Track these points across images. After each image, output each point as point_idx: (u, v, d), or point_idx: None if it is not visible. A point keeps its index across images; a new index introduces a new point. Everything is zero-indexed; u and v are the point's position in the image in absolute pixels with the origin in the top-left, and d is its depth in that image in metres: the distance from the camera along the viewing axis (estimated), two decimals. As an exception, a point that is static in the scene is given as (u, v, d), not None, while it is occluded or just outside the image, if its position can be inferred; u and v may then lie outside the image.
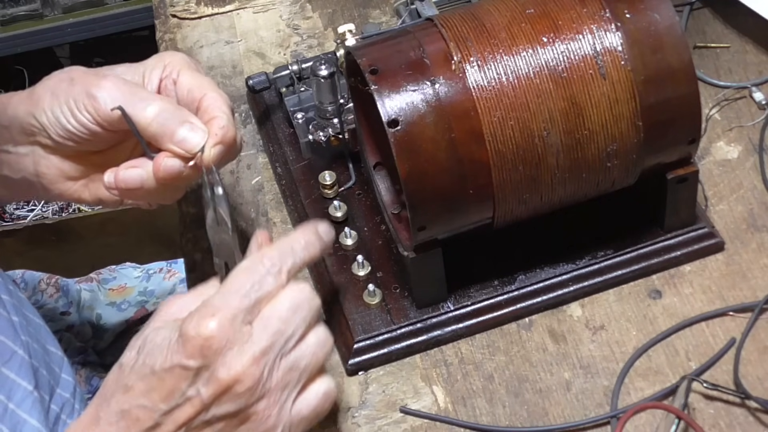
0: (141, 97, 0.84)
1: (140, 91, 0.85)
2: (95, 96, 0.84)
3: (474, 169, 0.83)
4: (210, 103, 0.86)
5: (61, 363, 1.02)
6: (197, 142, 0.83)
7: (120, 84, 0.85)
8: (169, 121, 0.84)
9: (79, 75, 0.86)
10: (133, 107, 0.84)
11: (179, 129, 0.83)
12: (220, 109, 0.85)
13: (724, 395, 0.85)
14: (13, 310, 0.95)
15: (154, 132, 0.84)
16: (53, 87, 0.86)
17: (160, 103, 0.84)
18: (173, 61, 0.88)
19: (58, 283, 1.24)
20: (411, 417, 0.88)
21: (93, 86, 0.84)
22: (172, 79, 0.87)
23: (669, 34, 0.84)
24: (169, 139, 0.84)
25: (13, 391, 0.91)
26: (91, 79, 0.85)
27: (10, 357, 0.92)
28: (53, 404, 0.96)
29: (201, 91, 0.86)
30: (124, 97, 0.84)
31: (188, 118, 0.84)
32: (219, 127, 0.84)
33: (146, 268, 1.32)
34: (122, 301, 1.26)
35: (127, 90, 0.84)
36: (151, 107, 0.84)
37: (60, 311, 1.22)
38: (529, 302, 0.92)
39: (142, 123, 0.83)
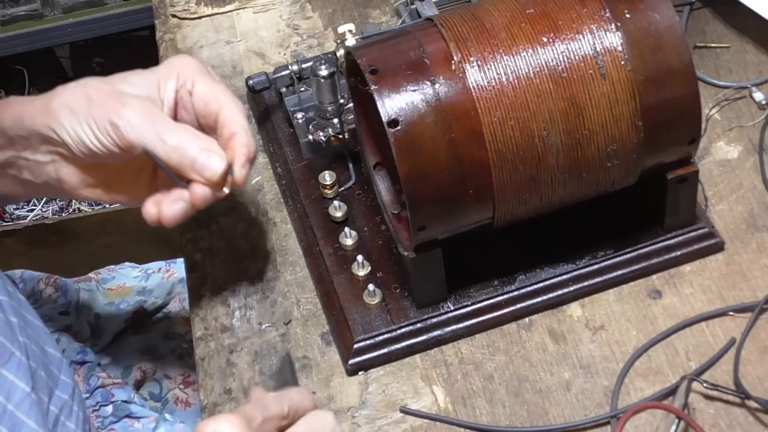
0: (161, 128, 0.86)
1: (160, 120, 0.87)
2: (116, 124, 0.86)
3: (474, 169, 0.83)
4: (227, 116, 0.88)
5: (59, 364, 1.01)
6: (215, 168, 0.86)
7: (140, 112, 0.86)
8: (187, 150, 0.86)
9: (97, 94, 0.87)
10: (154, 138, 0.86)
11: (197, 158, 0.86)
12: (239, 123, 0.87)
13: (724, 395, 0.85)
14: (11, 311, 0.95)
15: (175, 163, 0.86)
16: (71, 104, 0.87)
17: (178, 133, 0.86)
18: (186, 69, 0.90)
19: (57, 283, 1.24)
20: (411, 417, 0.88)
21: (114, 114, 0.86)
22: (187, 90, 0.89)
23: (669, 34, 0.84)
24: (190, 168, 0.86)
25: (11, 392, 0.91)
26: (111, 103, 0.87)
27: (8, 358, 0.92)
28: (52, 406, 0.96)
29: (217, 103, 0.88)
30: (144, 126, 0.86)
31: (206, 145, 0.86)
32: (242, 145, 0.87)
33: (145, 268, 1.32)
34: (121, 301, 1.26)
35: (147, 118, 0.86)
36: (171, 138, 0.86)
37: (59, 311, 1.22)
38: (529, 302, 0.92)
39: (162, 155, 0.86)
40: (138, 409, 1.14)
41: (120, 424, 1.12)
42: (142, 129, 0.86)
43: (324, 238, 0.97)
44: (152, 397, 1.19)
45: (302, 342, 0.93)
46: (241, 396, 0.91)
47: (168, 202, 0.88)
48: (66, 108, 0.87)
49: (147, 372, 1.20)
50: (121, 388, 1.15)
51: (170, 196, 0.88)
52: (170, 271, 1.30)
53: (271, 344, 0.93)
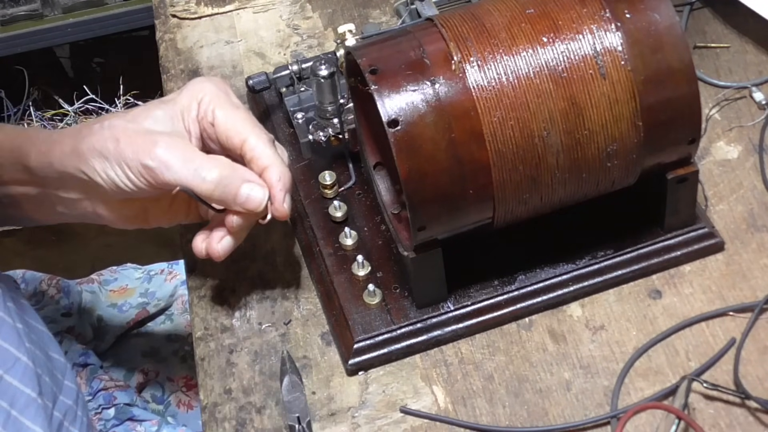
0: (198, 165, 0.86)
1: (194, 157, 0.86)
2: (150, 167, 0.86)
3: (474, 169, 0.83)
4: (254, 149, 0.88)
5: (63, 370, 1.02)
6: (260, 200, 0.87)
7: (173, 151, 0.86)
8: (230, 185, 0.86)
9: (123, 135, 0.87)
10: (193, 177, 0.86)
11: (241, 190, 0.86)
12: (268, 155, 0.87)
13: (724, 395, 0.85)
14: (17, 317, 0.96)
15: (218, 198, 0.86)
16: (99, 148, 0.87)
17: (218, 168, 0.86)
18: (205, 97, 0.89)
19: (60, 284, 1.24)
20: (411, 417, 0.88)
21: (145, 156, 0.86)
22: (208, 121, 0.89)
23: (669, 34, 0.84)
24: (233, 202, 0.87)
25: (15, 399, 0.91)
26: (141, 144, 0.86)
27: (13, 364, 0.92)
28: (56, 411, 0.96)
29: (239, 136, 0.88)
30: (179, 166, 0.85)
31: (247, 177, 0.87)
32: (277, 178, 0.87)
33: (147, 269, 1.32)
34: (123, 303, 1.26)
35: (182, 158, 0.86)
36: (210, 175, 0.86)
37: (61, 312, 1.22)
38: (529, 302, 0.92)
39: (204, 192, 0.86)
40: (140, 412, 1.14)
41: (122, 427, 1.12)
42: (178, 169, 0.85)
43: (324, 238, 0.97)
44: (154, 400, 1.19)
45: (302, 342, 0.93)
46: (241, 396, 0.91)
47: (216, 239, 0.89)
48: (95, 152, 0.87)
49: (149, 374, 1.20)
50: (123, 391, 1.15)
51: (217, 234, 0.89)
52: (173, 273, 1.30)
53: (271, 344, 0.94)
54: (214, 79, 0.92)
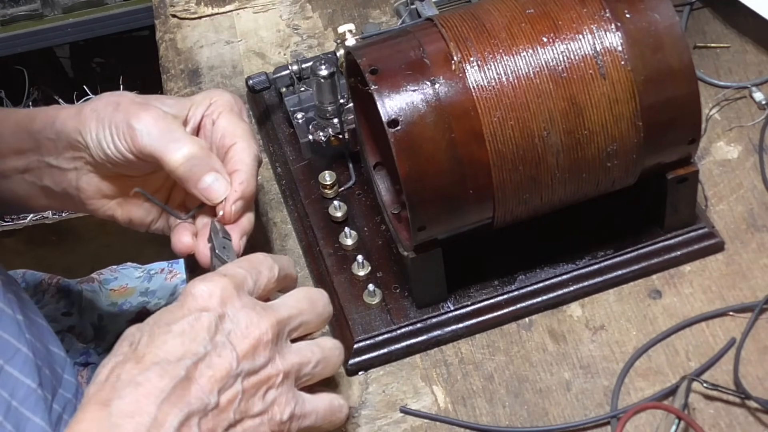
0: (175, 137, 0.87)
1: (176, 130, 0.87)
2: (133, 127, 0.87)
3: (474, 169, 0.83)
4: (236, 153, 0.88)
5: (63, 364, 1.02)
6: (220, 193, 0.87)
7: (159, 120, 0.87)
8: (196, 167, 0.86)
9: (125, 102, 0.89)
10: (166, 147, 0.86)
11: (205, 176, 0.86)
12: (244, 162, 0.88)
13: (724, 395, 0.85)
14: (17, 309, 0.96)
15: (182, 175, 0.87)
16: (100, 110, 0.89)
17: (191, 147, 0.87)
18: (218, 101, 0.91)
19: (60, 283, 1.24)
20: (411, 417, 0.88)
21: (133, 117, 0.87)
22: (212, 119, 0.90)
23: (669, 34, 0.84)
24: (194, 185, 0.87)
25: (16, 389, 0.91)
26: (134, 108, 0.88)
27: (13, 354, 0.92)
28: (55, 404, 0.97)
29: (232, 138, 0.89)
30: (160, 133, 0.86)
31: (215, 167, 0.87)
32: (238, 182, 0.87)
33: (147, 269, 1.32)
34: (124, 302, 1.26)
35: (164, 127, 0.87)
36: (182, 151, 0.86)
37: (62, 312, 1.22)
38: (529, 302, 0.92)
39: (172, 164, 0.86)
40: (140, 411, 1.14)
41: (123, 426, 1.12)
42: (156, 136, 0.86)
43: (324, 238, 0.97)
44: (155, 399, 1.19)
45: (302, 342, 0.93)
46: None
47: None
48: (94, 113, 0.89)
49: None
50: (124, 390, 1.14)
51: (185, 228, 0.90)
52: (173, 272, 1.30)
53: (271, 344, 0.93)
54: (234, 96, 0.93)
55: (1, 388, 0.91)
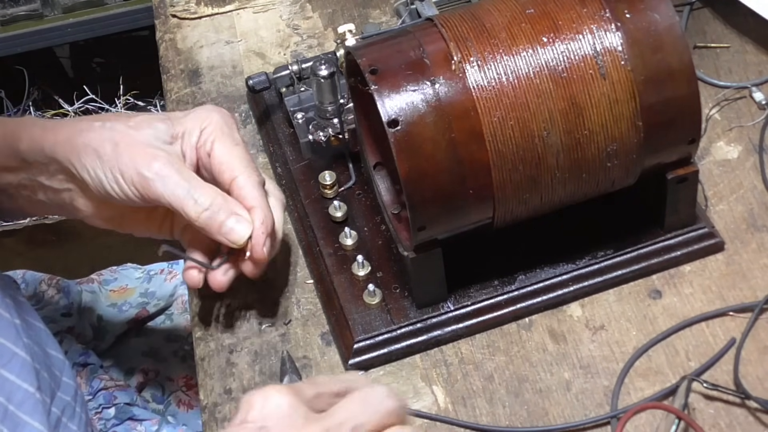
0: (192, 186, 0.86)
1: (192, 179, 0.87)
2: (145, 177, 0.86)
3: (474, 169, 0.83)
4: (241, 189, 0.88)
5: (62, 366, 1.01)
6: (243, 234, 0.87)
7: (169, 167, 0.87)
8: (217, 213, 0.87)
9: (123, 141, 0.87)
10: (185, 197, 0.86)
11: (227, 221, 0.87)
12: (253, 197, 0.88)
13: (724, 395, 0.85)
14: (15, 313, 0.96)
15: (203, 223, 0.87)
16: (96, 147, 0.87)
17: (211, 194, 0.87)
18: (209, 127, 0.90)
19: (59, 284, 1.24)
20: (411, 417, 0.88)
21: (144, 167, 0.86)
22: (206, 151, 0.89)
23: (669, 34, 0.84)
24: (217, 232, 0.87)
25: (13, 393, 0.91)
26: (140, 155, 0.87)
27: (10, 359, 0.92)
28: (54, 407, 0.96)
29: (231, 172, 0.88)
30: (174, 184, 0.86)
31: (235, 210, 0.87)
32: (260, 221, 0.87)
33: (147, 269, 1.32)
34: (123, 302, 1.26)
35: (178, 176, 0.86)
36: (203, 199, 0.86)
37: (61, 312, 1.22)
38: (529, 302, 0.92)
39: (193, 215, 0.86)
40: (140, 412, 1.14)
41: (122, 427, 1.12)
42: (173, 185, 0.86)
43: (324, 238, 0.97)
44: (155, 400, 1.19)
45: (302, 342, 0.93)
46: (241, 396, 0.90)
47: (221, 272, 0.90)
48: (90, 149, 0.88)
49: (149, 374, 1.20)
50: (123, 391, 1.15)
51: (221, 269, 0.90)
52: (172, 273, 1.30)
53: (271, 344, 0.93)
54: (222, 111, 0.92)
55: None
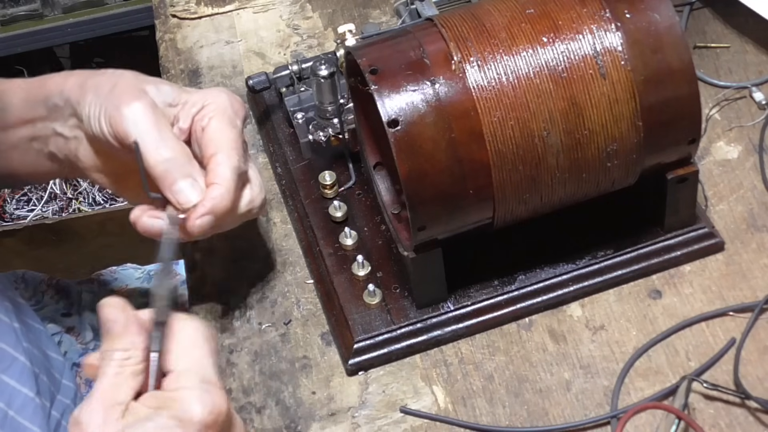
0: (161, 135, 0.85)
1: (164, 128, 0.86)
2: (122, 114, 0.85)
3: (474, 169, 0.83)
4: (215, 165, 0.86)
5: (61, 369, 1.01)
6: (190, 199, 0.84)
7: (149, 112, 0.86)
8: (175, 169, 0.84)
9: (123, 84, 0.88)
10: (150, 143, 0.84)
11: (180, 180, 0.84)
12: (221, 176, 0.85)
13: (724, 395, 0.85)
14: (14, 317, 0.96)
15: (158, 174, 0.84)
16: (97, 86, 0.88)
17: (174, 148, 0.85)
18: (212, 105, 0.89)
19: (59, 284, 1.24)
20: (411, 417, 0.88)
21: (125, 103, 0.85)
22: (201, 125, 0.88)
23: (669, 34, 0.84)
24: (168, 187, 0.84)
25: (13, 398, 0.91)
26: (129, 94, 0.86)
27: (10, 364, 0.92)
28: (54, 410, 0.96)
29: (214, 148, 0.86)
30: (147, 127, 0.85)
31: (193, 174, 0.85)
32: (211, 197, 0.84)
33: (147, 270, 1.32)
34: (123, 303, 1.26)
35: (152, 122, 0.85)
36: (165, 150, 0.85)
37: (61, 313, 1.22)
38: (529, 302, 0.92)
39: (151, 161, 0.84)
40: (140, 411, 1.14)
41: (122, 426, 1.12)
42: (144, 127, 0.85)
43: (324, 238, 0.97)
44: (155, 399, 1.19)
45: (302, 342, 0.93)
46: (241, 395, 0.91)
47: (150, 213, 0.87)
48: (93, 88, 0.88)
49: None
50: (123, 390, 1.14)
51: (155, 210, 0.87)
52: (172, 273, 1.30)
53: (271, 344, 0.94)
54: (233, 97, 0.91)
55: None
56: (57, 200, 2.14)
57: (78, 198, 2.15)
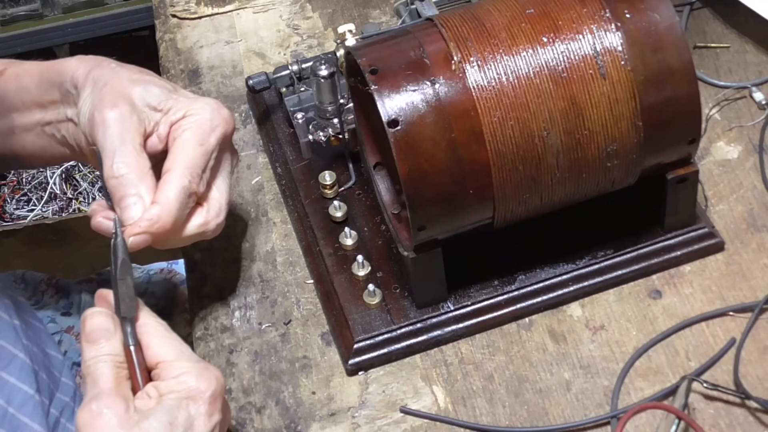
0: (121, 150, 0.85)
1: (128, 140, 0.86)
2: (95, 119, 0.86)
3: (474, 169, 0.83)
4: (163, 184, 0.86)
5: (61, 367, 1.01)
6: (132, 216, 0.84)
7: (118, 123, 0.86)
8: (123, 186, 0.85)
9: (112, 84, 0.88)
10: (108, 155, 0.85)
11: (128, 198, 0.85)
12: (165, 196, 0.85)
13: (724, 395, 0.85)
14: (15, 314, 0.95)
15: (110, 188, 0.86)
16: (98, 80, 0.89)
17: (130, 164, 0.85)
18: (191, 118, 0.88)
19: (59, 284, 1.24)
20: (411, 417, 0.88)
21: (100, 109, 0.86)
22: (174, 136, 0.88)
23: (669, 34, 0.84)
24: (116, 202, 0.85)
25: (12, 396, 0.91)
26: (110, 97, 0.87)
27: (9, 361, 0.92)
28: (53, 408, 0.97)
29: (170, 164, 0.86)
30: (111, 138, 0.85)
31: (143, 194, 0.85)
32: (147, 217, 0.84)
33: (147, 269, 1.32)
34: (122, 302, 1.26)
35: (117, 133, 0.86)
36: (120, 166, 0.85)
37: (61, 312, 1.22)
38: (529, 302, 0.92)
39: (105, 174, 0.85)
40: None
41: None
42: (108, 138, 0.86)
43: (324, 238, 0.97)
44: (154, 398, 1.19)
45: (302, 342, 0.93)
46: (241, 395, 0.91)
47: (103, 214, 0.87)
48: (92, 81, 0.89)
49: (149, 374, 1.20)
50: (123, 390, 1.14)
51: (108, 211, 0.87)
52: (172, 273, 1.30)
53: (271, 344, 0.94)
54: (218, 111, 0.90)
55: None
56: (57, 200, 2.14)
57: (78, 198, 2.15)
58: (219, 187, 0.90)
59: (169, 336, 0.81)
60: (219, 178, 0.90)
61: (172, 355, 0.79)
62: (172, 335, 0.81)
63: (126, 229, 0.84)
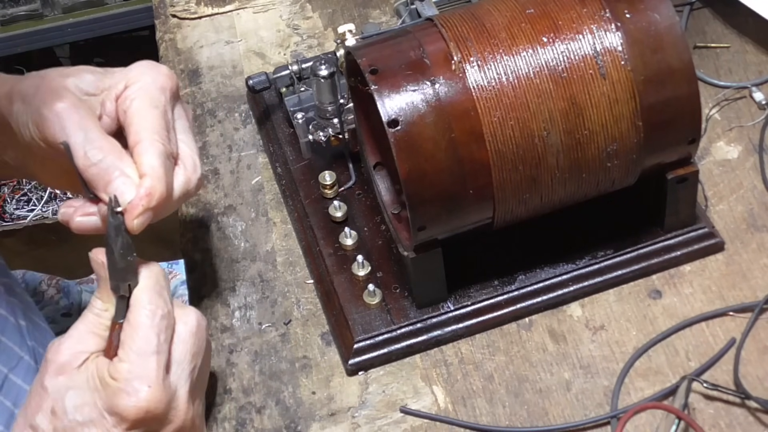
0: (87, 136, 0.82)
1: (90, 126, 0.82)
2: (45, 117, 0.82)
3: (474, 169, 0.83)
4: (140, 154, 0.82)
5: None
6: (125, 198, 0.81)
7: (73, 111, 0.82)
8: (108, 170, 0.81)
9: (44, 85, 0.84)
10: (77, 146, 0.81)
11: (115, 181, 0.81)
12: (149, 165, 0.81)
13: (724, 395, 0.85)
14: (20, 314, 0.95)
15: (91, 177, 0.81)
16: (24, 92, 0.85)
17: (103, 148, 0.82)
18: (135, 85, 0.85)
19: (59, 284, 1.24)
20: (411, 417, 0.88)
21: (46, 107, 0.82)
22: (123, 109, 0.84)
23: (669, 34, 0.84)
24: (103, 189, 0.81)
25: (20, 398, 0.91)
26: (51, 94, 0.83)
27: (17, 363, 0.92)
28: None
29: (136, 136, 0.83)
30: (72, 129, 0.82)
31: (127, 172, 0.81)
32: (144, 192, 0.81)
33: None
34: (123, 302, 1.26)
35: (76, 122, 0.82)
36: (93, 152, 0.81)
37: (61, 313, 1.22)
38: (529, 302, 0.92)
39: (80, 165, 0.81)
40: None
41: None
42: (69, 129, 0.82)
43: (324, 238, 0.97)
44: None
45: (302, 342, 0.93)
46: (241, 395, 0.91)
47: (82, 212, 0.85)
48: (20, 95, 0.85)
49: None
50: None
51: (86, 207, 0.85)
52: (172, 273, 1.30)
53: (271, 344, 0.94)
54: (159, 72, 0.86)
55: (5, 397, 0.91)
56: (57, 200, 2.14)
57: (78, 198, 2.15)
58: (186, 142, 0.87)
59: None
60: (182, 134, 0.87)
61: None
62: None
63: (126, 214, 0.81)
